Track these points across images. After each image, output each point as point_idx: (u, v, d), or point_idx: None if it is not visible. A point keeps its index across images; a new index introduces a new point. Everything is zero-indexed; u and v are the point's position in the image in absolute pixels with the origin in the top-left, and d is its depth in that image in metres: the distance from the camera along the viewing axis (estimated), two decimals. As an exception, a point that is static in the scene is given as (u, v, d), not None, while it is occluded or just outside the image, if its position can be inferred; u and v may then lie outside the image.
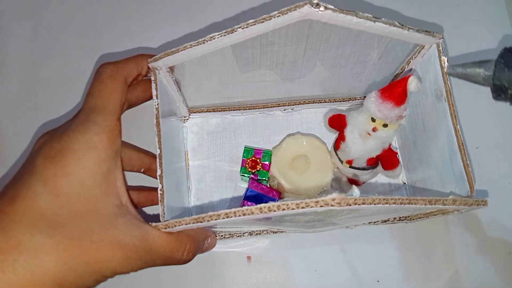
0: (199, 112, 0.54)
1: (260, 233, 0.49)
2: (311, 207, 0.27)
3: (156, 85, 0.39)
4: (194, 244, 0.35)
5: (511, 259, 0.50)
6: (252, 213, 0.29)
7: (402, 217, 0.49)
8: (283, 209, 0.28)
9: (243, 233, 0.49)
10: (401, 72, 0.48)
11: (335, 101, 0.54)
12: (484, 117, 0.56)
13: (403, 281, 0.49)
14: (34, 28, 0.61)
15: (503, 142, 0.55)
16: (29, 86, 0.58)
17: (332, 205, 0.27)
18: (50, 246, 0.27)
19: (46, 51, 0.60)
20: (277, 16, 0.33)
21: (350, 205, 0.27)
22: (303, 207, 0.28)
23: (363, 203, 0.28)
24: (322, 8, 0.33)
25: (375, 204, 0.29)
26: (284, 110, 0.55)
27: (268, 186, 0.49)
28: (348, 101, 0.54)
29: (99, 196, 0.30)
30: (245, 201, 0.47)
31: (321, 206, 0.27)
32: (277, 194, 0.47)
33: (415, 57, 0.44)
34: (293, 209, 0.28)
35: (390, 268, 0.50)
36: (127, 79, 0.36)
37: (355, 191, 0.28)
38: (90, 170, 0.30)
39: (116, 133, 0.32)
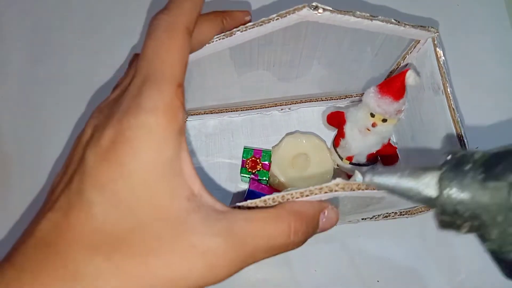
0: (197, 114, 0.54)
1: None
2: (315, 194, 0.27)
3: None
4: (302, 221, 0.27)
5: (511, 259, 0.51)
6: (257, 206, 0.28)
7: (403, 211, 0.49)
8: (287, 199, 0.28)
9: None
10: (396, 68, 0.48)
11: (332, 99, 0.54)
12: (484, 117, 0.56)
13: (403, 281, 0.50)
14: (34, 28, 0.61)
15: (503, 142, 0.55)
16: (29, 86, 0.58)
17: (336, 191, 0.27)
18: (109, 271, 0.23)
19: (46, 51, 0.60)
20: (276, 19, 0.33)
21: (353, 190, 0.27)
22: (307, 195, 0.27)
23: (366, 189, 0.28)
24: (320, 10, 0.33)
25: (377, 189, 0.28)
26: (282, 109, 0.55)
27: (269, 185, 0.50)
28: (345, 98, 0.54)
29: (164, 194, 0.24)
30: (247, 202, 0.47)
31: (325, 192, 0.27)
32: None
33: (410, 52, 0.44)
34: (297, 198, 0.27)
35: (390, 268, 0.50)
36: (189, 27, 0.28)
37: (358, 176, 0.28)
38: (149, 164, 0.24)
39: (176, 106, 0.25)
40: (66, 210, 0.23)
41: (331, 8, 0.33)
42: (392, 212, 0.49)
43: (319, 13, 0.33)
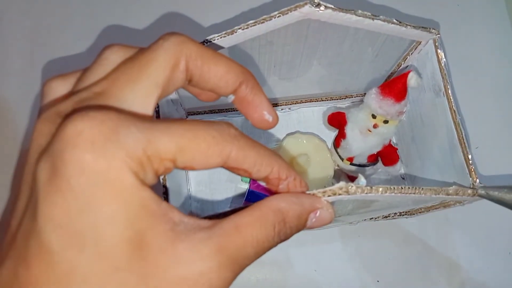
0: (197, 114, 0.54)
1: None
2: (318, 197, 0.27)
3: None
4: (285, 223, 0.25)
5: (511, 259, 0.51)
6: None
7: (403, 211, 0.49)
8: None
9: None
10: (397, 69, 0.48)
11: (332, 99, 0.54)
12: (484, 117, 0.56)
13: (403, 281, 0.50)
14: (34, 28, 0.61)
15: (503, 142, 0.56)
16: (29, 86, 0.58)
17: (339, 194, 0.26)
18: None
19: (46, 51, 0.60)
20: (278, 17, 0.33)
21: (357, 193, 0.27)
22: None
23: (369, 192, 0.28)
24: (322, 8, 0.33)
25: (381, 193, 0.28)
26: (282, 110, 0.55)
27: (269, 186, 0.49)
28: (345, 98, 0.54)
29: (144, 230, 0.20)
30: (247, 202, 0.47)
31: (329, 196, 0.26)
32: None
33: (411, 53, 0.44)
34: None
35: (390, 268, 0.50)
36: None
37: (361, 180, 0.28)
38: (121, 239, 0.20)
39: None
40: (25, 257, 0.19)
41: (332, 6, 0.33)
42: (392, 213, 0.49)
43: (321, 10, 0.33)
